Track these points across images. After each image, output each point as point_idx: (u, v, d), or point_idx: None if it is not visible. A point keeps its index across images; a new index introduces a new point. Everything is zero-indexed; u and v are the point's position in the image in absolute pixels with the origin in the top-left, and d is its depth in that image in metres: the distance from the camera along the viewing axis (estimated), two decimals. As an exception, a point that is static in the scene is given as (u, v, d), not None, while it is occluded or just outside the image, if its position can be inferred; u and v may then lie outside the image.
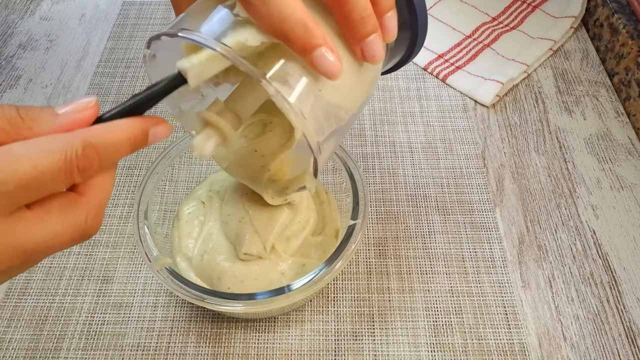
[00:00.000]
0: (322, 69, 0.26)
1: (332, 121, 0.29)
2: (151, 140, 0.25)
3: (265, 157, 0.37)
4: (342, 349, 0.40)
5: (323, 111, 0.28)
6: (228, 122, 0.29)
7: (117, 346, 0.41)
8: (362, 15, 0.27)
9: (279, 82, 0.26)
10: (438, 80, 0.59)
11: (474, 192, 0.49)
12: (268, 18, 0.25)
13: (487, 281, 0.44)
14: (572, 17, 0.63)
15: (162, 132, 0.26)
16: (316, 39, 0.25)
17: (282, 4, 0.25)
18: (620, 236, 0.46)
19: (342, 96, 0.29)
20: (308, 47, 0.26)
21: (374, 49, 0.28)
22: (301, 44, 0.25)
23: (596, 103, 0.56)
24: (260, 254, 0.40)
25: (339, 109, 0.30)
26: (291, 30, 0.25)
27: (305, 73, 0.27)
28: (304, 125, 0.27)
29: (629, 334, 0.41)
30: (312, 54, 0.26)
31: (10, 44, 0.64)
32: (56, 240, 0.23)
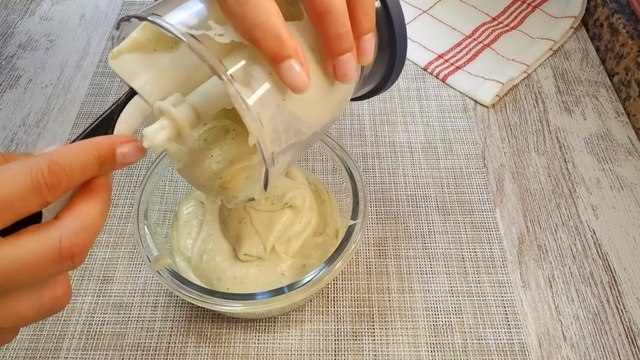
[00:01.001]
0: (289, 81, 0.26)
1: (292, 134, 0.28)
2: (120, 159, 0.25)
3: (220, 163, 0.36)
4: (342, 349, 0.40)
5: (283, 122, 0.27)
6: (185, 117, 0.28)
7: (117, 346, 0.41)
8: (339, 32, 0.26)
9: (241, 83, 0.25)
10: (438, 80, 0.59)
11: (474, 192, 0.49)
12: (242, 21, 0.25)
13: (487, 281, 0.44)
14: (572, 17, 0.63)
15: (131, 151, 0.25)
16: (287, 50, 0.25)
17: (258, 8, 0.24)
18: (620, 236, 0.46)
19: (306, 110, 0.29)
20: (277, 57, 0.25)
21: (345, 68, 0.27)
22: (271, 52, 0.25)
23: (596, 103, 0.56)
24: (260, 255, 0.40)
25: (301, 123, 0.29)
26: (263, 37, 0.25)
27: (271, 80, 0.26)
28: (260, 132, 0.26)
29: (629, 334, 0.41)
30: (280, 64, 0.25)
31: (10, 44, 0.64)
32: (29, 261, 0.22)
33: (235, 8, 0.25)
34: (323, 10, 0.26)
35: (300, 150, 0.31)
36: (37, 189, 0.22)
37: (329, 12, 0.26)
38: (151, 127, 0.27)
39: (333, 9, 0.26)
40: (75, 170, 0.23)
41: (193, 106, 0.28)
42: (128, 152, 0.25)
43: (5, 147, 0.54)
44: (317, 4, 0.26)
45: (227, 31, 0.26)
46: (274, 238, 0.40)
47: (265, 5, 0.25)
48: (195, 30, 0.25)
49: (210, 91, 0.29)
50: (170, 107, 0.28)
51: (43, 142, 0.54)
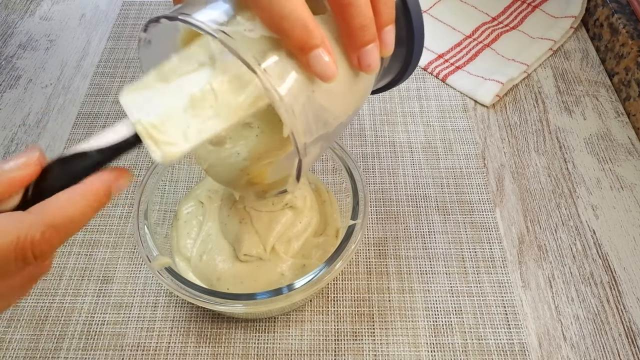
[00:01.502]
0: (318, 71, 0.26)
1: (321, 125, 0.29)
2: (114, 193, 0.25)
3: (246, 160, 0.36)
4: (342, 349, 0.40)
5: (313, 113, 0.28)
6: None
7: (117, 346, 0.41)
8: (362, 23, 0.27)
9: (273, 76, 0.26)
10: (438, 80, 0.59)
11: (474, 192, 0.49)
12: (269, 12, 0.25)
13: (487, 281, 0.44)
14: (572, 17, 0.63)
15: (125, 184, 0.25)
16: (314, 39, 0.25)
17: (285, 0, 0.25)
18: (620, 236, 0.46)
19: (333, 101, 0.29)
20: (306, 47, 0.25)
21: (370, 59, 0.28)
22: (299, 43, 0.25)
23: (596, 103, 0.56)
24: (260, 255, 0.40)
25: (329, 114, 0.29)
26: (291, 28, 0.25)
27: (300, 72, 0.27)
28: (293, 123, 0.27)
29: (629, 334, 0.41)
30: (309, 54, 0.26)
31: (10, 44, 0.64)
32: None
33: (263, 1, 0.25)
34: (346, 1, 0.26)
35: (328, 141, 0.32)
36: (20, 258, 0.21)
37: (352, 4, 0.26)
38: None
39: (356, 1, 0.26)
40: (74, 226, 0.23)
41: None
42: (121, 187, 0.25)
43: (6, 147, 0.54)
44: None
45: (255, 26, 0.26)
46: (274, 238, 0.40)
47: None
48: (226, 26, 0.26)
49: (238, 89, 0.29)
50: None
51: (43, 142, 0.54)
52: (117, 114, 0.56)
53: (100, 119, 0.56)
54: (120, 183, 0.25)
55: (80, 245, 0.46)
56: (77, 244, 0.47)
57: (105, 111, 0.57)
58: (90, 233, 0.47)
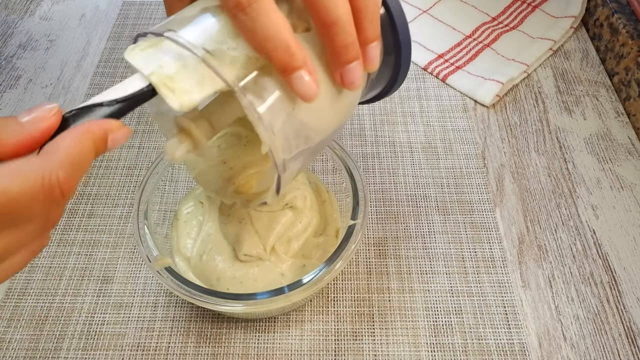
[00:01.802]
0: (299, 91, 0.26)
1: (302, 141, 0.29)
2: (110, 145, 0.25)
3: (233, 169, 0.37)
4: (342, 349, 0.40)
5: (293, 130, 0.28)
6: (201, 130, 0.30)
7: (117, 346, 0.41)
8: (345, 42, 0.27)
9: (253, 94, 0.26)
10: (438, 80, 0.59)
11: (474, 192, 0.49)
12: (253, 34, 0.26)
13: (487, 281, 0.44)
14: (572, 17, 0.63)
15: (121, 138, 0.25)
16: (297, 61, 0.26)
17: (269, 22, 0.25)
18: (620, 236, 0.46)
19: (315, 118, 0.29)
20: (288, 68, 0.26)
21: (353, 76, 0.28)
22: (282, 64, 0.26)
23: (596, 103, 0.56)
24: (259, 256, 0.40)
25: (310, 130, 0.30)
26: (274, 49, 0.25)
27: (281, 90, 0.27)
28: (272, 141, 0.27)
29: (629, 334, 0.41)
30: (291, 74, 0.26)
31: (10, 44, 0.64)
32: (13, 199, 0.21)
33: (247, 23, 0.25)
34: (329, 21, 0.26)
35: (310, 156, 0.32)
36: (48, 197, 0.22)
37: (335, 23, 0.26)
38: (170, 142, 0.29)
39: (339, 20, 0.26)
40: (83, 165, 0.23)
41: (208, 119, 0.30)
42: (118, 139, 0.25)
43: (5, 147, 0.54)
44: (323, 16, 0.26)
45: (239, 45, 0.26)
46: (274, 238, 0.40)
47: (275, 19, 0.25)
48: (210, 45, 0.26)
49: (224, 102, 0.30)
50: (190, 123, 0.29)
51: (43, 142, 0.54)
52: (117, 114, 0.56)
53: (100, 119, 0.56)
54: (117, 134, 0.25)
55: (80, 245, 0.46)
56: (77, 244, 0.47)
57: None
58: (90, 233, 0.47)
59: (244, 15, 0.25)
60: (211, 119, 0.30)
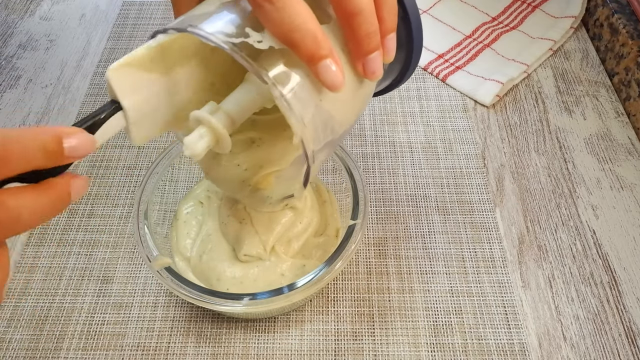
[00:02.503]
0: (326, 80, 0.27)
1: (328, 132, 0.30)
2: (69, 152, 0.24)
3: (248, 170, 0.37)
4: (342, 349, 0.40)
5: (321, 121, 0.29)
6: (223, 123, 0.29)
7: (117, 346, 0.41)
8: (368, 31, 0.27)
9: (283, 85, 0.26)
10: (438, 80, 0.59)
11: (474, 192, 0.49)
12: (279, 25, 0.26)
13: (487, 281, 0.44)
14: (572, 17, 0.63)
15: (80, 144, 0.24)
16: (323, 50, 0.26)
17: (295, 12, 0.25)
18: (620, 236, 0.46)
19: (339, 109, 0.30)
20: (315, 57, 0.26)
21: (375, 66, 0.29)
22: (309, 53, 0.26)
23: (596, 103, 0.56)
24: (260, 256, 0.40)
25: (335, 121, 0.30)
26: (301, 39, 0.25)
27: (309, 81, 0.27)
28: (303, 132, 0.27)
29: (629, 334, 0.41)
30: (318, 64, 0.26)
31: (10, 44, 0.64)
32: None
33: (273, 14, 0.25)
34: (353, 11, 0.26)
35: (333, 147, 0.32)
36: None
37: (359, 13, 0.27)
38: (190, 136, 0.28)
39: (363, 10, 0.27)
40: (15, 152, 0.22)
41: (228, 113, 0.30)
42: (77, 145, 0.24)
43: (5, 147, 0.54)
44: (347, 6, 0.26)
45: (264, 37, 0.27)
46: (274, 239, 0.40)
47: (300, 9, 0.25)
48: (235, 38, 0.26)
49: (242, 97, 0.30)
50: (209, 115, 0.29)
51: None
52: (117, 114, 0.56)
53: (100, 119, 0.56)
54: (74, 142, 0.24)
55: (80, 245, 0.46)
56: (77, 244, 0.47)
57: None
58: (90, 233, 0.47)
59: (270, 6, 0.25)
60: (231, 113, 0.30)
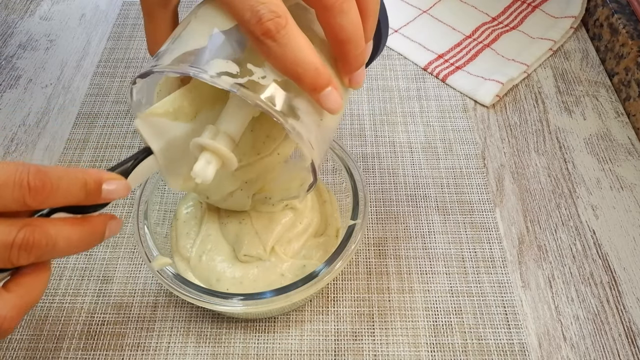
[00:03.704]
0: (328, 106, 0.28)
1: (327, 144, 0.33)
2: (105, 194, 0.26)
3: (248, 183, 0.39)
4: (342, 349, 0.40)
5: (323, 138, 0.31)
6: (225, 144, 0.30)
7: (117, 346, 0.41)
8: (356, 53, 0.29)
9: (292, 117, 0.28)
10: (438, 81, 0.59)
11: (474, 192, 0.49)
12: (282, 61, 0.27)
13: (487, 281, 0.44)
14: (572, 17, 0.63)
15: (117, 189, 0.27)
16: (324, 80, 0.27)
17: (297, 47, 0.26)
18: (620, 236, 0.46)
19: (333, 121, 0.32)
20: (317, 87, 0.28)
21: (359, 78, 0.31)
22: (312, 85, 0.27)
23: (596, 103, 0.56)
24: (259, 256, 0.40)
25: (331, 132, 0.32)
26: (304, 73, 0.27)
27: (311, 106, 0.29)
28: (312, 154, 0.29)
29: (629, 334, 0.41)
30: (320, 93, 0.28)
31: (10, 44, 0.64)
32: None
33: (275, 50, 0.26)
34: (345, 39, 0.28)
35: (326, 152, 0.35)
36: (18, 183, 0.23)
37: (350, 41, 0.28)
38: (198, 164, 0.30)
39: (354, 37, 0.28)
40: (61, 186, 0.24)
41: (227, 133, 0.31)
42: (114, 189, 0.27)
43: (6, 147, 0.54)
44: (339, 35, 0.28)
45: (266, 72, 0.28)
46: (274, 239, 0.40)
47: (302, 43, 0.27)
48: (241, 78, 0.27)
49: (235, 113, 0.31)
50: (212, 141, 0.30)
51: (43, 142, 0.54)
52: (117, 113, 0.56)
53: (100, 118, 0.56)
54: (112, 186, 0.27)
55: (80, 245, 0.46)
56: (77, 244, 0.46)
57: (105, 111, 0.57)
58: (90, 233, 0.47)
59: (272, 42, 0.26)
60: (229, 132, 0.31)
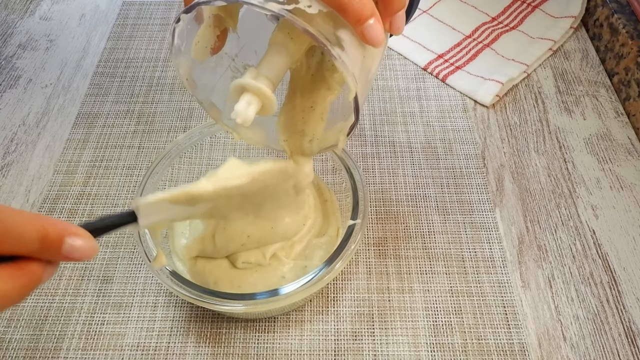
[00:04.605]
0: (371, 38, 0.28)
1: (367, 85, 0.32)
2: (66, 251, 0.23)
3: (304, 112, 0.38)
4: (342, 349, 0.40)
5: (363, 75, 0.31)
6: (267, 86, 0.31)
7: (117, 346, 0.41)
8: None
9: (338, 47, 0.28)
10: (438, 81, 0.59)
11: (474, 192, 0.49)
12: None
13: (487, 281, 0.44)
14: (571, 17, 0.63)
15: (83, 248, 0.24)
16: (368, 11, 0.28)
17: None
18: (620, 236, 0.46)
19: (373, 62, 0.32)
20: (361, 18, 0.28)
21: (399, 23, 0.31)
22: (356, 15, 0.28)
23: (596, 103, 0.56)
24: (259, 262, 0.40)
25: (370, 74, 0.32)
26: (349, 2, 0.27)
27: (354, 40, 0.29)
28: (357, 88, 0.29)
29: (629, 334, 0.41)
30: (364, 24, 0.28)
31: (10, 44, 0.64)
32: None
33: None
34: None
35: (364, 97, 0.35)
36: None
37: None
38: (239, 104, 0.31)
39: None
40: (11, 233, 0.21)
41: (267, 77, 0.31)
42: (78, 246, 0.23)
43: (5, 147, 0.54)
44: None
45: (312, 2, 0.28)
46: (276, 247, 0.40)
47: None
48: (287, 5, 0.28)
49: (275, 59, 0.32)
50: (255, 82, 0.31)
51: (43, 142, 0.54)
52: (117, 113, 0.56)
53: (100, 118, 0.56)
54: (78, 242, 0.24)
55: (80, 245, 0.46)
56: (77, 244, 0.46)
57: (105, 111, 0.57)
58: (90, 233, 0.47)
59: None
60: (269, 76, 0.31)
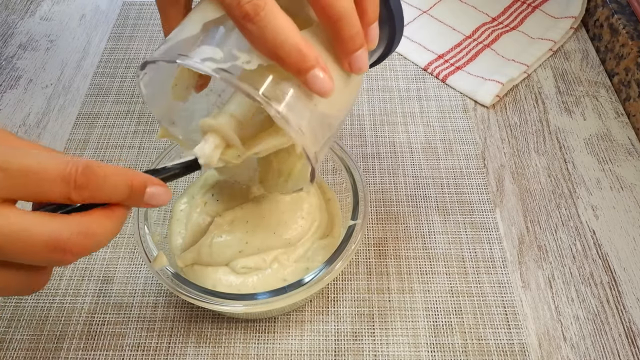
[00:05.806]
0: (316, 89, 0.27)
1: (326, 130, 0.31)
2: (147, 198, 0.26)
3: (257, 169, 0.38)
4: (342, 349, 0.40)
5: (317, 123, 0.30)
6: (227, 124, 0.30)
7: (117, 346, 0.41)
8: (351, 33, 0.28)
9: (276, 101, 0.27)
10: (438, 81, 0.59)
11: (474, 192, 0.49)
12: (264, 43, 0.26)
13: (487, 281, 0.44)
14: (572, 17, 0.63)
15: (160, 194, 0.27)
16: (310, 61, 0.27)
17: (277, 28, 0.26)
18: (620, 236, 0.46)
19: (332, 106, 0.31)
20: (302, 69, 0.27)
21: (360, 63, 0.29)
22: (296, 67, 0.27)
23: (596, 103, 0.56)
24: (259, 267, 0.40)
25: (331, 118, 0.31)
26: (286, 54, 0.26)
27: (300, 90, 0.28)
28: (303, 140, 0.28)
29: (629, 334, 0.41)
30: (306, 75, 0.27)
31: (10, 44, 0.64)
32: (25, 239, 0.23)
33: (256, 32, 0.26)
34: (336, 17, 0.27)
35: (333, 140, 0.34)
36: (65, 179, 0.23)
37: (341, 18, 0.27)
38: (199, 145, 0.30)
39: (345, 14, 0.27)
40: (106, 184, 0.24)
41: (232, 114, 0.31)
42: (156, 193, 0.27)
43: (6, 147, 0.54)
44: (329, 12, 0.27)
45: (252, 57, 0.27)
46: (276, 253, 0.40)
47: (282, 24, 0.26)
48: (224, 63, 0.27)
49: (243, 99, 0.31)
50: (212, 120, 0.30)
51: (43, 143, 0.54)
52: (117, 114, 0.56)
53: (100, 119, 0.56)
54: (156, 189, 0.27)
55: (80, 245, 0.46)
56: (77, 244, 0.46)
57: (105, 111, 0.57)
58: (90, 233, 0.47)
59: (252, 25, 0.26)
60: (235, 114, 0.31)
